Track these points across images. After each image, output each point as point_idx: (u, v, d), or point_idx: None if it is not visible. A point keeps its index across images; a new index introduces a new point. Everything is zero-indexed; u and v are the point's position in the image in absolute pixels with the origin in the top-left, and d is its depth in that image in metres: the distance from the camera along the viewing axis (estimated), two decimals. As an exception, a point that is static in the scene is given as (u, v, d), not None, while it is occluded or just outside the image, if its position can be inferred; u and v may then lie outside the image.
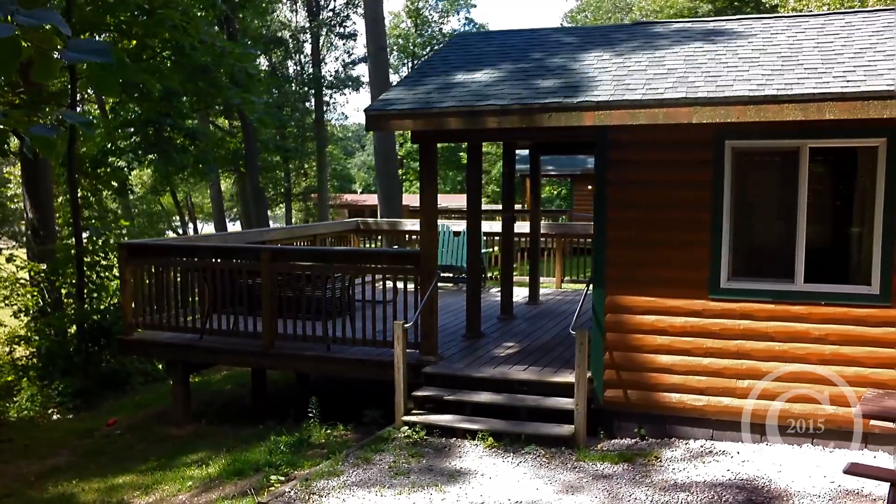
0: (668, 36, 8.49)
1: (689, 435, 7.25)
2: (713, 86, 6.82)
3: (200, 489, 6.75)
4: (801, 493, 5.90)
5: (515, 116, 7.14)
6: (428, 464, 6.59)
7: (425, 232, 8.03)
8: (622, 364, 7.37)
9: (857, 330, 6.76)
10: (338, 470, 6.46)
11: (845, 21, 8.09)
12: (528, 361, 8.06)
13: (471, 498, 5.86)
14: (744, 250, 7.18)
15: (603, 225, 7.34)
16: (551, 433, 6.96)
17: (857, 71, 6.69)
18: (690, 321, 7.16)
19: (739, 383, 7.06)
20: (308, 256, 9.04)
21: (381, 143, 20.32)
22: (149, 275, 9.30)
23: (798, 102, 6.41)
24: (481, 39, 9.68)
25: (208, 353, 9.02)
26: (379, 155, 20.49)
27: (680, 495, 5.87)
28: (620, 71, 7.54)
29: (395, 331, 7.43)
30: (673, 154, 7.16)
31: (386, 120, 7.64)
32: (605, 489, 6.00)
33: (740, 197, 7.11)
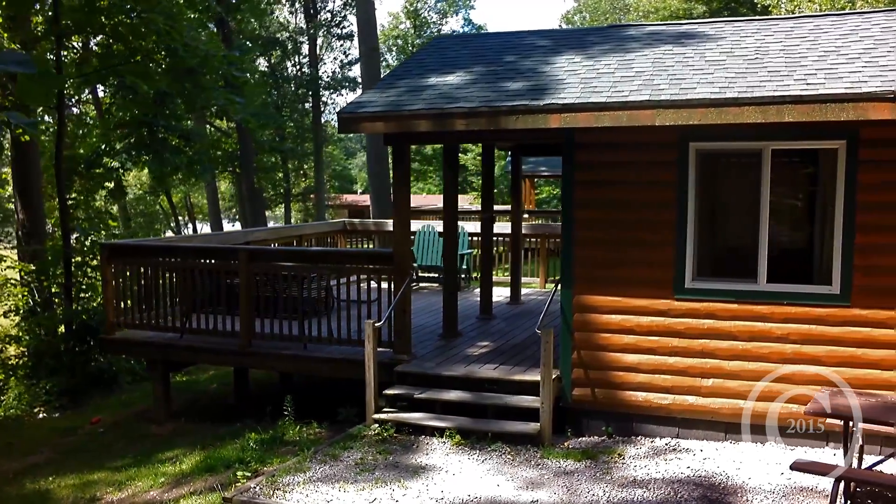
0: (641, 39, 8.59)
1: (655, 433, 7.35)
2: (677, 88, 6.93)
3: (171, 485, 6.88)
4: (756, 489, 6.00)
5: (483, 119, 7.25)
6: (394, 460, 6.70)
7: (398, 232, 8.14)
8: (590, 363, 7.47)
9: (817, 329, 6.86)
10: (304, 466, 6.58)
11: (814, 24, 8.18)
12: (500, 360, 8.17)
13: (431, 494, 5.98)
14: (708, 250, 7.28)
15: (570, 225, 7.44)
16: (517, 431, 7.07)
17: (818, 74, 6.79)
18: (656, 321, 7.26)
19: (704, 382, 7.16)
20: (285, 257, 9.18)
21: (373, 145, 20.45)
22: (130, 275, 9.43)
23: (758, 105, 6.51)
24: (458, 43, 9.80)
25: (188, 351, 9.15)
26: (371, 156, 20.62)
27: (637, 492, 5.97)
28: (589, 74, 7.64)
29: (365, 330, 7.54)
30: (638, 155, 7.27)
31: (357, 122, 7.75)
32: (564, 486, 6.11)
33: (705, 198, 7.22)
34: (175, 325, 9.28)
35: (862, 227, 6.67)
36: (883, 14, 8.19)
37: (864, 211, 6.66)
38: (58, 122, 12.78)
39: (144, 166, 21.21)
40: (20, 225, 14.39)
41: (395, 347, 8.18)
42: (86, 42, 17.88)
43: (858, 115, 6.29)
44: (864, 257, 6.69)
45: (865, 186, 6.65)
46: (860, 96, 6.26)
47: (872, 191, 6.64)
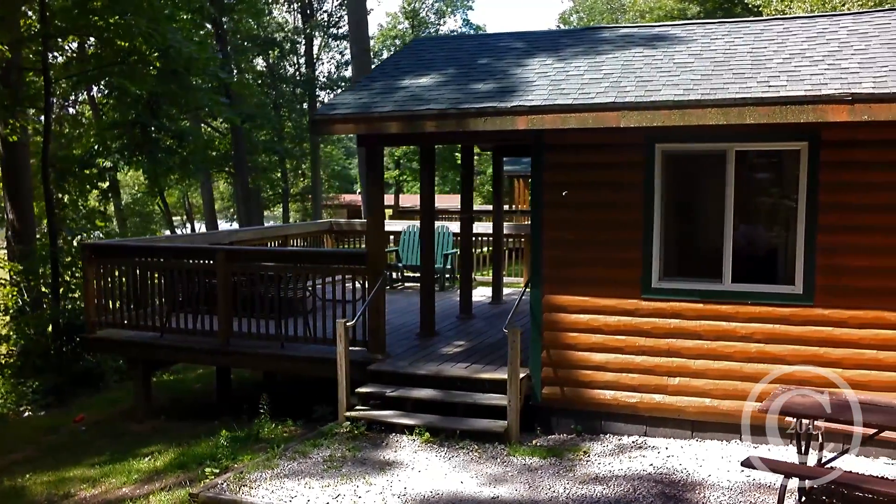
0: (613, 41, 8.68)
1: (623, 431, 7.44)
2: (642, 90, 7.01)
3: (144, 482, 6.98)
4: (714, 485, 6.09)
5: (452, 120, 7.34)
6: (362, 457, 6.80)
7: (372, 233, 8.24)
8: (559, 362, 7.56)
9: (781, 328, 6.94)
10: (273, 463, 6.68)
11: (783, 27, 8.27)
12: (473, 359, 8.26)
13: (394, 489, 6.07)
14: (675, 251, 7.37)
15: (539, 226, 7.54)
16: (485, 428, 7.16)
17: (781, 76, 6.87)
18: (623, 320, 7.35)
19: (670, 381, 7.25)
20: (261, 257, 9.29)
21: (365, 145, 20.47)
22: (111, 274, 9.54)
23: (720, 107, 6.60)
24: (435, 45, 9.90)
25: (168, 350, 9.25)
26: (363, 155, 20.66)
27: (597, 488, 6.06)
28: (559, 76, 7.73)
29: (337, 329, 7.64)
30: (605, 156, 7.36)
31: (329, 124, 7.86)
32: (526, 482, 6.20)
33: (671, 198, 7.30)
34: (156, 325, 9.38)
35: (824, 227, 6.76)
36: (851, 17, 8.27)
37: (827, 211, 6.75)
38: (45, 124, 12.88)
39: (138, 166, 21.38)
40: (10, 225, 14.51)
41: (370, 346, 8.28)
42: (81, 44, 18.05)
43: (818, 117, 6.38)
44: (826, 257, 6.78)
45: (827, 187, 6.74)
46: (819, 98, 6.35)
47: (834, 191, 6.73)
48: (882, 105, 6.20)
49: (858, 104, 6.25)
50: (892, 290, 6.61)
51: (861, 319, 6.72)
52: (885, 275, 6.63)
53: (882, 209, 6.61)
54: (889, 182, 6.59)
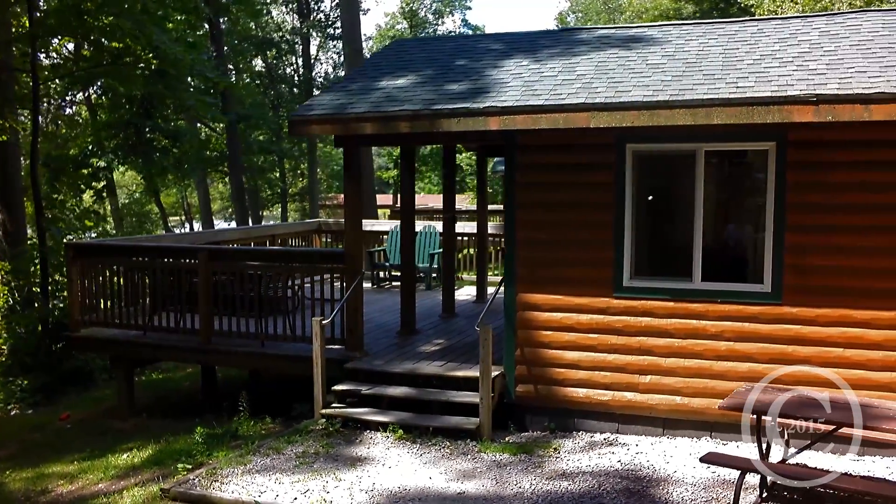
0: (590, 42, 8.76)
1: (596, 428, 7.52)
2: (613, 91, 7.09)
3: (120, 477, 7.08)
4: (679, 481, 6.17)
5: (425, 121, 7.42)
6: (335, 454, 6.89)
7: (350, 232, 8.33)
8: (532, 360, 7.64)
9: (750, 326, 7.02)
10: (246, 459, 6.78)
11: (757, 28, 8.34)
12: (450, 358, 8.34)
13: (363, 485, 6.16)
14: (646, 250, 7.44)
15: (512, 226, 7.62)
16: (457, 426, 7.25)
17: (750, 77, 6.95)
18: (596, 318, 7.43)
19: (642, 378, 7.33)
20: (241, 256, 9.37)
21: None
22: (95, 273, 9.64)
23: (688, 108, 6.67)
24: (416, 46, 9.99)
25: (151, 349, 9.35)
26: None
27: (563, 483, 6.14)
28: (533, 77, 7.81)
29: (312, 327, 7.73)
30: (577, 157, 7.44)
31: (306, 125, 7.94)
32: (494, 478, 6.28)
33: (642, 198, 7.38)
34: (139, 323, 9.48)
35: (792, 227, 6.83)
36: (824, 18, 8.35)
37: (794, 211, 6.82)
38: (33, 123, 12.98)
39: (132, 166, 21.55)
40: (0, 225, 14.60)
41: (348, 344, 8.37)
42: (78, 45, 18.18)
43: (783, 118, 6.45)
44: (794, 257, 6.85)
45: (794, 187, 6.82)
46: (785, 99, 6.43)
47: (801, 191, 6.80)
48: (845, 106, 6.28)
49: (823, 105, 6.33)
50: (859, 289, 6.68)
51: (828, 318, 6.79)
52: (852, 274, 6.70)
53: (848, 209, 6.69)
54: (855, 182, 6.67)
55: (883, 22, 7.89)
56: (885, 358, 6.64)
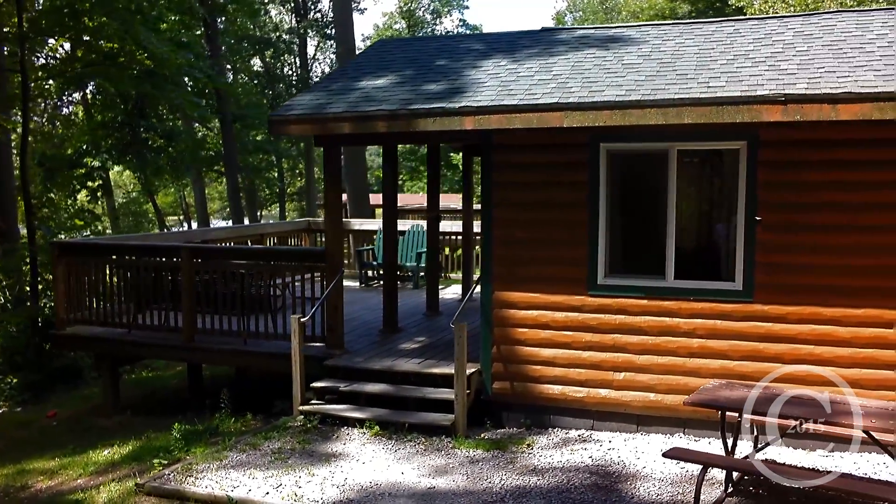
0: (569, 42, 8.83)
1: (571, 425, 7.59)
2: (587, 91, 7.16)
3: (99, 473, 7.16)
4: (648, 476, 6.24)
5: (402, 121, 7.50)
6: (311, 449, 6.97)
7: (330, 231, 8.41)
8: (508, 357, 7.72)
9: (722, 324, 7.09)
10: (222, 454, 6.86)
11: (734, 28, 8.40)
12: (430, 355, 8.42)
13: (335, 480, 6.24)
14: (620, 248, 7.52)
15: (489, 224, 7.69)
16: (433, 422, 7.32)
17: (721, 77, 7.01)
18: (571, 316, 7.50)
19: (616, 375, 7.40)
20: (225, 255, 9.45)
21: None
22: (80, 272, 9.72)
23: (659, 107, 6.75)
24: (398, 46, 10.06)
25: (134, 346, 9.44)
26: (347, 155, 20.85)
27: (532, 479, 6.22)
28: (510, 77, 7.88)
29: (291, 325, 7.81)
30: (552, 156, 7.51)
31: (285, 125, 8.02)
32: (466, 473, 6.36)
33: (616, 197, 7.45)
34: (123, 322, 9.56)
35: (763, 225, 6.90)
36: (800, 19, 8.41)
37: (765, 210, 6.89)
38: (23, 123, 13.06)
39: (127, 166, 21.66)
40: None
41: (328, 342, 8.45)
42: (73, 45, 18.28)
43: (752, 117, 6.52)
44: (765, 255, 6.92)
45: (766, 186, 6.88)
46: (754, 99, 6.50)
47: (772, 190, 6.87)
48: (813, 105, 6.35)
49: (791, 104, 6.40)
50: (828, 286, 6.75)
51: (799, 315, 6.86)
52: (822, 272, 6.77)
53: (818, 208, 6.76)
54: (824, 181, 6.73)
55: (857, 22, 7.95)
56: (853, 354, 6.71)
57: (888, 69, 6.60)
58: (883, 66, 6.70)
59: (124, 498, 6.27)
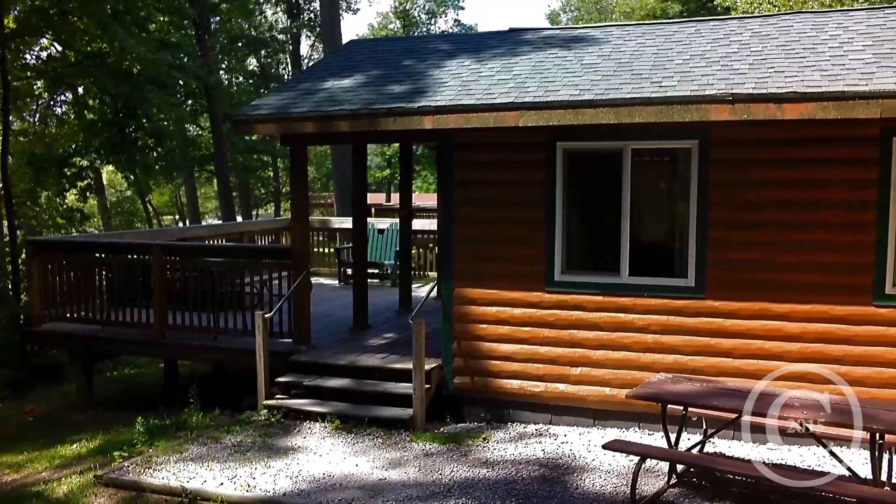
0: (534, 43, 8.95)
1: (529, 419, 7.72)
2: (543, 91, 7.29)
3: (64, 466, 7.30)
4: (597, 468, 6.37)
5: (364, 120, 7.63)
6: (270, 443, 7.11)
7: (296, 228, 8.54)
8: (469, 352, 7.85)
9: (675, 320, 7.22)
10: (183, 447, 7.00)
11: (695, 29, 8.53)
12: (393, 351, 8.55)
13: (289, 472, 6.37)
14: (577, 245, 7.64)
15: (449, 222, 7.82)
16: (392, 416, 7.46)
17: (675, 77, 7.14)
18: (529, 312, 7.63)
19: (573, 370, 7.52)
20: (196, 252, 9.58)
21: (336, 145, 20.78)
22: (55, 269, 9.86)
23: (611, 106, 6.87)
24: (368, 46, 10.18)
25: (108, 343, 9.58)
26: (336, 155, 21.03)
27: (482, 471, 6.35)
28: (471, 77, 8.01)
29: (255, 320, 7.94)
30: (511, 155, 7.64)
31: (250, 124, 8.16)
32: (419, 466, 6.49)
33: (573, 195, 7.58)
34: (97, 318, 9.69)
35: (714, 222, 7.03)
36: (759, 20, 8.54)
37: (716, 207, 7.02)
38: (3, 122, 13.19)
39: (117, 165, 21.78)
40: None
41: (295, 338, 8.58)
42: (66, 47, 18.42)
43: (701, 116, 6.65)
44: (716, 252, 7.05)
45: (716, 184, 7.01)
46: (703, 98, 6.62)
47: (723, 188, 7.00)
48: (759, 105, 6.47)
49: (738, 104, 6.52)
50: (778, 282, 6.88)
51: (749, 311, 6.99)
52: (771, 268, 6.89)
53: (767, 206, 6.88)
54: (773, 179, 6.86)
55: (813, 23, 8.08)
56: (801, 349, 6.83)
57: (834, 69, 6.72)
58: (830, 66, 6.83)
59: (83, 489, 6.41)
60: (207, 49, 25.13)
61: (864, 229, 6.64)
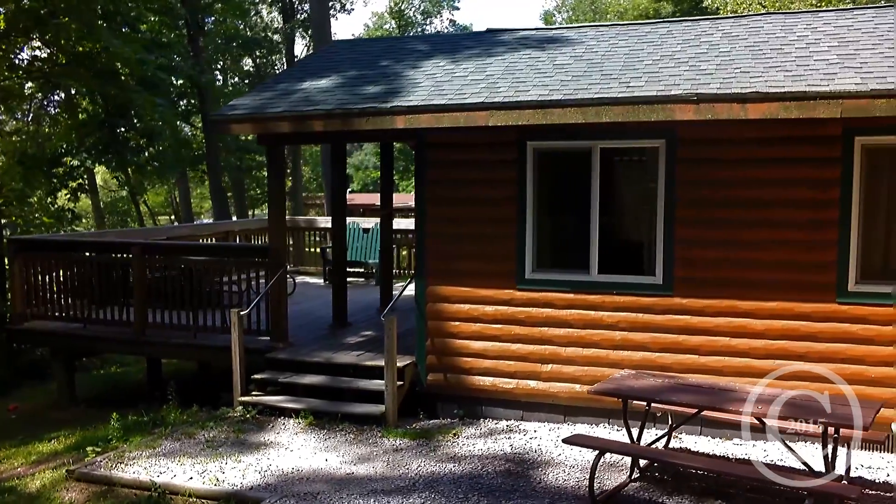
0: (509, 44, 9.04)
1: (502, 416, 7.81)
2: (513, 91, 7.38)
3: (39, 462, 7.38)
4: (562, 463, 6.46)
5: (337, 120, 7.72)
6: (243, 438, 7.20)
7: (273, 227, 8.63)
8: (442, 349, 7.94)
9: (644, 317, 7.31)
10: (157, 443, 7.09)
11: (667, 30, 8.62)
12: (370, 348, 8.63)
13: (259, 467, 6.46)
14: (548, 243, 7.73)
15: (423, 220, 7.91)
16: (365, 412, 7.55)
17: (643, 77, 7.23)
18: (500, 309, 7.72)
19: (543, 367, 7.61)
20: (175, 251, 9.67)
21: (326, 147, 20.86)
22: (37, 268, 9.95)
23: (579, 106, 6.96)
24: (347, 47, 10.27)
25: (89, 341, 9.67)
26: (326, 154, 21.09)
27: (448, 466, 6.44)
28: (445, 77, 8.10)
29: (230, 318, 8.03)
30: (483, 154, 7.73)
31: (226, 125, 8.25)
32: (387, 461, 6.58)
33: (544, 194, 7.67)
34: (79, 316, 9.78)
35: (682, 221, 7.13)
36: (731, 20, 8.63)
37: (683, 206, 7.11)
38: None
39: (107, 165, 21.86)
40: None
41: (272, 336, 8.67)
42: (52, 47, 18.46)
43: (666, 116, 6.74)
44: (684, 250, 7.14)
45: (684, 183, 7.10)
46: (668, 98, 6.71)
47: (690, 187, 7.09)
48: (723, 104, 6.56)
49: (703, 104, 6.61)
50: (744, 280, 6.97)
51: (716, 308, 7.08)
52: (737, 266, 6.99)
53: (733, 204, 6.97)
54: (739, 178, 6.95)
55: (783, 24, 8.17)
56: (766, 346, 6.93)
57: (798, 70, 6.82)
58: (795, 66, 6.92)
59: (55, 484, 6.50)
60: (200, 49, 25.26)
61: (827, 228, 6.74)
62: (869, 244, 6.77)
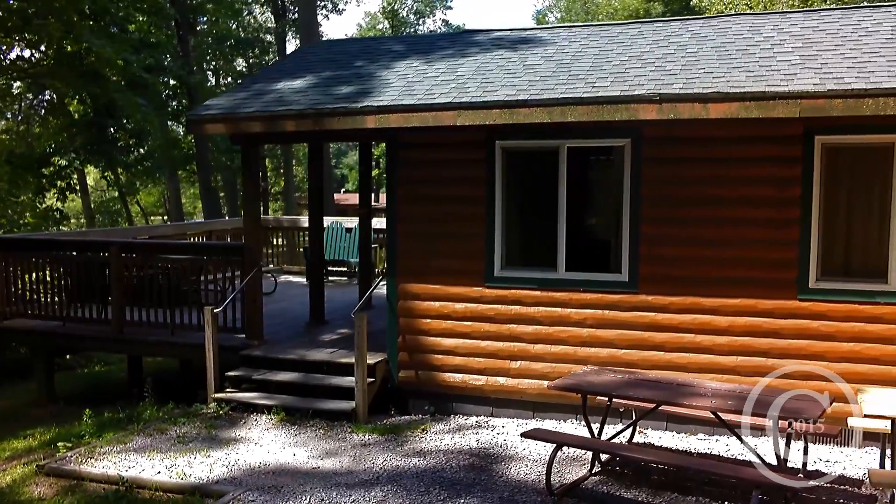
0: (483, 44, 9.14)
1: (472, 412, 7.90)
2: (482, 91, 7.47)
3: (13, 458, 7.46)
4: (526, 458, 6.56)
5: (309, 120, 7.80)
6: (214, 434, 7.28)
7: (248, 226, 8.72)
8: (413, 346, 8.03)
9: (610, 314, 7.40)
10: (128, 439, 7.18)
11: (637, 31, 8.72)
12: (344, 346, 8.72)
13: (227, 461, 6.55)
14: (516, 241, 7.83)
15: (394, 219, 8.00)
16: (336, 409, 7.64)
17: (609, 77, 7.33)
18: (470, 307, 7.81)
19: (512, 364, 7.71)
20: (152, 250, 9.75)
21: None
22: (17, 266, 10.02)
23: (544, 106, 7.06)
24: (323, 48, 10.37)
25: (67, 339, 9.75)
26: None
27: (413, 460, 6.53)
28: (417, 77, 8.19)
29: (205, 315, 8.12)
30: (453, 154, 7.82)
31: (200, 124, 8.33)
32: (353, 455, 6.67)
33: (512, 192, 7.76)
34: (58, 314, 9.86)
35: (647, 219, 7.22)
36: (701, 21, 8.73)
37: (649, 204, 7.21)
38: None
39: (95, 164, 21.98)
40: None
41: (248, 333, 8.76)
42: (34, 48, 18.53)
43: (630, 116, 6.83)
44: (649, 247, 7.24)
45: (649, 181, 7.20)
46: (631, 98, 6.81)
47: (655, 185, 7.19)
48: (686, 104, 6.66)
49: (665, 103, 6.71)
50: (708, 278, 7.07)
51: (681, 305, 7.18)
52: (701, 263, 7.09)
53: (697, 202, 7.08)
54: (702, 177, 7.06)
55: (751, 24, 8.27)
56: (730, 342, 7.03)
57: (760, 70, 6.92)
58: (758, 67, 7.03)
59: (25, 479, 6.58)
60: (189, 49, 25.34)
61: (789, 226, 6.84)
62: (829, 242, 6.88)
